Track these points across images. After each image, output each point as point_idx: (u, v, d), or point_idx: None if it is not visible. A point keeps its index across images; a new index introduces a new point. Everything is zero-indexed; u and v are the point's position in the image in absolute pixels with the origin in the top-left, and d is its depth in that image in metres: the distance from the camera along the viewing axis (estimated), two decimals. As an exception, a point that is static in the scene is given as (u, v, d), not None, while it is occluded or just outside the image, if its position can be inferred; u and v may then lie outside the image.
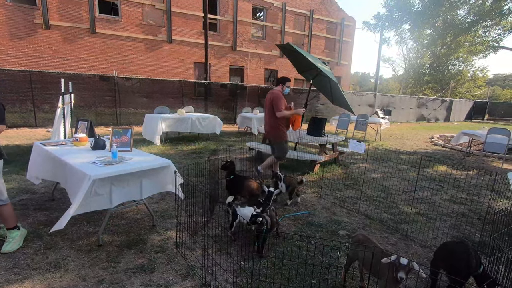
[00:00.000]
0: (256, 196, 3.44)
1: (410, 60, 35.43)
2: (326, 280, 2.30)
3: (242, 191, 3.51)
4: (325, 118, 5.93)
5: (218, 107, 13.55)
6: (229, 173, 3.59)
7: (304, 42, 20.70)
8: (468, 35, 11.03)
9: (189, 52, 16.24)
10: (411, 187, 4.67)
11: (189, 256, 2.48)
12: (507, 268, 1.82)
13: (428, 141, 10.51)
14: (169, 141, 7.42)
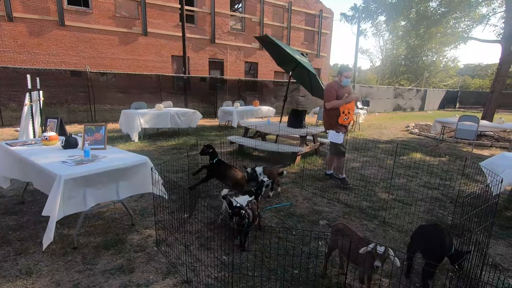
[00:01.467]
0: (241, 185, 3.43)
1: (387, 51, 36.36)
2: (307, 269, 2.33)
3: (226, 179, 3.49)
4: (305, 110, 5.97)
5: (199, 101, 13.33)
6: (211, 157, 3.58)
7: (283, 34, 20.66)
8: (440, 26, 11.41)
9: (166, 45, 15.79)
10: (388, 175, 4.82)
11: (170, 254, 2.44)
12: (476, 247, 1.92)
13: (404, 129, 10.89)
14: (147, 138, 7.22)
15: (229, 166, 3.61)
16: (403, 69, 31.38)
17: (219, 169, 3.57)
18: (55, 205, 2.17)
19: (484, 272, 2.11)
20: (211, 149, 3.62)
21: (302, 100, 15.37)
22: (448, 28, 11.83)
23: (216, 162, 3.59)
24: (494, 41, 10.96)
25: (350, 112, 4.09)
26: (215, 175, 3.61)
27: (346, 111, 4.04)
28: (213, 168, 3.60)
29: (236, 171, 3.54)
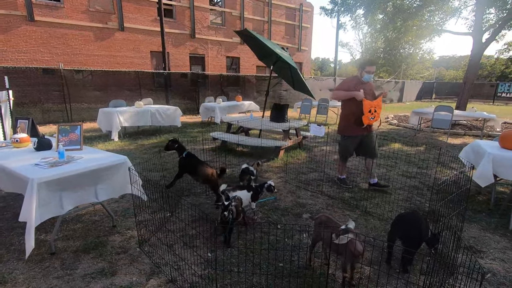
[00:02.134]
0: (212, 182, 3.33)
1: (366, 44, 37.01)
2: (292, 262, 2.36)
3: (196, 174, 3.38)
4: (287, 104, 6.00)
5: (180, 97, 13.09)
6: (179, 151, 3.46)
7: (264, 29, 20.58)
8: (415, 19, 11.73)
9: (145, 40, 15.35)
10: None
11: (153, 254, 2.40)
12: (450, 232, 2.01)
13: (384, 121, 11.18)
14: (127, 136, 7.03)
15: (199, 161, 3.48)
16: (382, 61, 32.07)
17: (189, 164, 3.43)
18: (31, 210, 2.08)
19: (458, 255, 2.22)
20: (176, 143, 3.47)
21: (285, 95, 15.43)
22: (423, 21, 12.16)
23: (185, 156, 3.44)
24: (465, 33, 11.40)
25: (377, 111, 3.59)
26: (186, 170, 3.47)
27: (372, 110, 3.55)
28: (182, 163, 3.45)
29: (207, 167, 3.41)
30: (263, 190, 3.06)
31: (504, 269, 2.33)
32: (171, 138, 3.55)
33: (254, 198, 3.01)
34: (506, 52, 27.59)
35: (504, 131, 3.55)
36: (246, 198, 2.94)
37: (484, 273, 2.19)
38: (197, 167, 3.37)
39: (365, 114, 3.55)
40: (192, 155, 3.54)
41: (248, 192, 2.97)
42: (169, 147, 3.50)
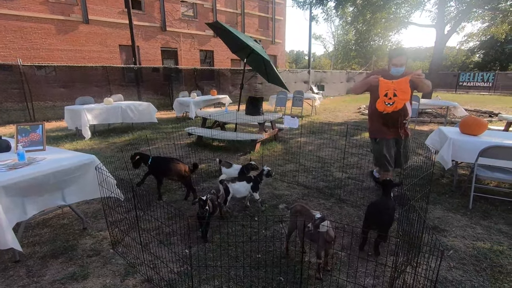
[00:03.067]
0: (185, 178, 3.27)
1: (338, 37, 37.78)
2: (270, 252, 2.40)
3: (168, 173, 3.30)
4: (261, 97, 6.01)
5: (153, 93, 12.68)
6: (145, 161, 3.33)
7: (237, 21, 20.35)
8: (383, 12, 12.12)
9: (112, 34, 14.65)
10: (342, 155, 5.09)
11: (128, 255, 2.33)
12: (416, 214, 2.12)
13: (357, 111, 11.54)
14: (97, 134, 6.72)
15: (169, 159, 3.36)
16: (353, 53, 32.90)
17: (159, 167, 3.33)
18: None
19: (424, 235, 2.36)
20: (137, 156, 3.33)
21: (260, 88, 15.43)
22: (390, 14, 12.60)
23: (151, 162, 3.32)
24: (429, 25, 11.96)
25: (399, 95, 2.79)
26: (159, 174, 3.37)
27: (390, 93, 2.80)
28: (152, 169, 3.35)
29: (179, 164, 3.30)
30: (262, 178, 3.06)
31: (464, 245, 2.51)
32: (133, 154, 3.36)
33: (255, 188, 3.00)
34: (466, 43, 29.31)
35: (464, 118, 3.79)
36: (246, 189, 2.97)
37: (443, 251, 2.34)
38: (167, 168, 3.27)
39: (380, 98, 2.83)
40: (159, 158, 3.43)
41: (248, 183, 2.98)
42: (135, 163, 3.31)
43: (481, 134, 3.56)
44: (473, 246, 2.50)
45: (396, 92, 2.81)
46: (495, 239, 2.60)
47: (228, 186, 2.91)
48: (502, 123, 6.73)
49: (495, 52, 30.18)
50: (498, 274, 2.16)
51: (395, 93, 2.81)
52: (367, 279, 2.09)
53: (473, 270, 2.20)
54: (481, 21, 14.13)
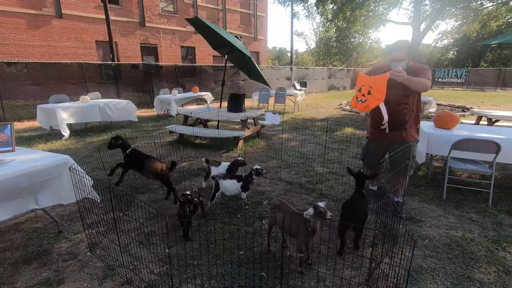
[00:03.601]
0: (163, 177, 3.19)
1: (320, 34, 38.24)
2: (252, 248, 2.40)
3: (144, 171, 3.22)
4: (243, 94, 5.98)
5: (133, 90, 12.34)
6: (123, 148, 3.25)
7: (219, 17, 20.12)
8: (362, 9, 12.38)
9: (88, 29, 14.10)
10: (324, 150, 5.18)
11: (106, 257, 2.27)
12: (389, 206, 2.19)
13: (338, 107, 11.76)
14: (74, 134, 6.46)
15: (146, 156, 3.28)
16: (335, 50, 33.46)
17: (135, 160, 3.24)
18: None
19: (400, 226, 2.45)
20: (119, 140, 3.25)
21: (243, 84, 15.38)
22: (369, 11, 12.88)
23: (130, 153, 3.25)
24: (406, 23, 12.34)
25: (373, 93, 2.47)
26: (133, 167, 3.30)
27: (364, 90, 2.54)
28: (128, 160, 3.26)
29: (155, 162, 3.23)
30: (252, 178, 3.00)
31: (438, 234, 2.63)
32: (114, 135, 3.30)
33: (244, 188, 2.96)
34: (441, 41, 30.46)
35: (438, 113, 3.94)
36: (236, 188, 2.95)
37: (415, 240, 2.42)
38: (144, 163, 3.19)
39: (355, 93, 2.62)
40: (138, 151, 3.34)
41: (238, 182, 2.95)
42: (112, 145, 3.24)
43: (454, 127, 3.72)
44: (446, 235, 2.62)
45: (371, 89, 2.49)
46: (467, 228, 2.74)
47: (219, 182, 2.92)
48: (473, 117, 7.06)
49: (467, 50, 31.58)
50: (469, 260, 2.27)
51: (369, 91, 2.50)
52: (346, 271, 2.14)
53: (446, 257, 2.30)
54: (454, 19, 14.74)
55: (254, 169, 2.98)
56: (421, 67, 2.64)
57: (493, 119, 5.55)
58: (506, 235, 2.61)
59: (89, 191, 2.43)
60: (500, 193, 3.48)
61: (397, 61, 2.59)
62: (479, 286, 2.00)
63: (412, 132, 2.79)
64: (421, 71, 2.58)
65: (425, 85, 2.52)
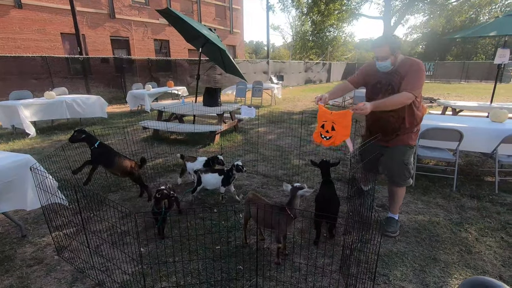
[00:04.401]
0: (133, 174, 3.06)
1: (296, 27, 38.45)
2: (229, 243, 2.39)
3: (112, 167, 3.06)
4: (219, 88, 5.90)
5: (104, 85, 11.81)
6: (90, 142, 3.06)
7: (193, 10, 19.63)
8: (336, 3, 12.57)
9: (52, 20, 13.24)
10: (301, 143, 5.24)
11: (75, 260, 2.16)
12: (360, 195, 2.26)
13: (315, 100, 11.93)
14: (39, 132, 6.08)
15: (115, 153, 3.10)
16: (311, 44, 33.83)
17: (103, 156, 3.05)
18: None
19: (373, 213, 2.53)
20: (84, 134, 3.06)
21: (220, 78, 15.17)
22: (343, 5, 13.10)
23: (98, 147, 3.06)
24: (377, 17, 12.69)
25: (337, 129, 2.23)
26: (100, 163, 3.12)
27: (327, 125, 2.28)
28: (95, 155, 3.05)
29: (125, 159, 3.09)
30: (233, 173, 2.94)
31: (408, 219, 2.75)
32: (77, 128, 3.11)
33: (225, 182, 2.94)
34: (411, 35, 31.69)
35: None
36: (217, 181, 2.93)
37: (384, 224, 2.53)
38: (112, 160, 3.03)
39: (317, 128, 2.36)
40: (106, 146, 3.16)
41: (220, 175, 2.94)
42: (75, 138, 3.03)
43: (421, 118, 3.89)
44: (415, 219, 2.75)
45: (334, 125, 2.23)
46: (433, 212, 2.89)
47: (200, 176, 2.91)
48: (440, 107, 7.44)
49: (435, 44, 33.13)
50: (435, 242, 2.40)
51: (333, 126, 2.25)
52: (322, 259, 2.19)
53: (414, 241, 2.42)
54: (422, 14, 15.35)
55: (235, 164, 2.94)
56: (411, 68, 2.17)
57: (457, 109, 5.88)
58: (468, 217, 2.78)
59: (54, 193, 2.29)
60: (463, 178, 3.71)
61: (381, 60, 2.25)
62: (444, 266, 2.13)
63: (405, 138, 2.37)
64: (409, 73, 2.15)
65: (403, 102, 2.14)
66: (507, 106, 5.77)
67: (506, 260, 2.19)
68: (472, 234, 2.52)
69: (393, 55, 2.20)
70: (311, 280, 1.99)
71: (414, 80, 2.14)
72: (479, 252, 2.28)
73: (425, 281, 1.98)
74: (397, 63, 2.24)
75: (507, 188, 3.42)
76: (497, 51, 5.46)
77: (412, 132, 2.40)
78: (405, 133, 2.38)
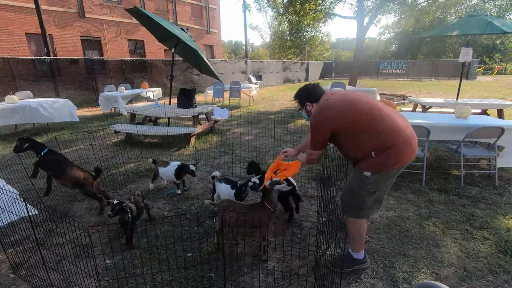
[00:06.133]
0: (85, 186, 2.80)
1: (274, 27, 38.65)
2: (201, 249, 2.32)
3: (60, 177, 2.80)
4: (194, 89, 5.78)
5: (75, 88, 11.30)
6: (36, 150, 2.83)
7: (168, 9, 19.21)
8: (311, 3, 12.71)
9: (15, 20, 12.48)
10: (277, 143, 5.24)
11: (34, 277, 2.01)
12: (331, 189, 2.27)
13: (292, 100, 12.01)
14: (1, 139, 5.69)
15: (66, 161, 2.84)
16: (289, 43, 34.14)
17: (51, 164, 2.79)
18: None
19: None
20: (27, 142, 2.83)
21: (197, 79, 14.94)
22: (318, 5, 13.28)
23: (45, 154, 2.81)
24: (351, 17, 12.97)
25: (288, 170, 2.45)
26: (48, 171, 2.88)
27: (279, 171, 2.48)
28: (41, 163, 2.80)
29: (76, 169, 2.83)
30: (247, 189, 2.66)
31: (380, 216, 2.80)
32: (21, 136, 2.87)
33: (238, 197, 2.66)
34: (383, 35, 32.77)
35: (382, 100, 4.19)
36: (229, 194, 2.68)
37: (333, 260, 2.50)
38: (61, 168, 2.76)
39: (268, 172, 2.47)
40: (56, 153, 2.90)
41: (232, 189, 2.69)
42: (19, 148, 2.79)
43: (392, 115, 3.99)
44: (386, 216, 2.80)
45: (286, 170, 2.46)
46: (404, 208, 2.96)
47: (215, 184, 2.77)
48: (411, 105, 7.72)
49: (406, 43, 34.47)
50: (405, 238, 2.46)
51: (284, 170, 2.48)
52: (295, 261, 2.17)
53: (385, 237, 2.46)
54: (393, 14, 15.89)
55: (252, 181, 2.63)
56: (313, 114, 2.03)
57: (426, 106, 6.11)
58: (436, 211, 2.88)
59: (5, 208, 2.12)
60: (432, 172, 3.84)
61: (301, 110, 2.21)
62: (413, 261, 2.17)
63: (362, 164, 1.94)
64: None
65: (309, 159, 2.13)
66: (471, 102, 6.06)
67: (470, 252, 2.27)
68: (439, 227, 2.60)
69: (303, 107, 2.12)
70: (283, 284, 1.96)
71: (312, 131, 1.98)
72: (446, 245, 2.35)
73: (394, 277, 2.01)
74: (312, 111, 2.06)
75: (472, 181, 3.58)
76: (461, 50, 5.72)
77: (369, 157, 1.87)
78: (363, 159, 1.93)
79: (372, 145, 1.85)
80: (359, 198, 1.96)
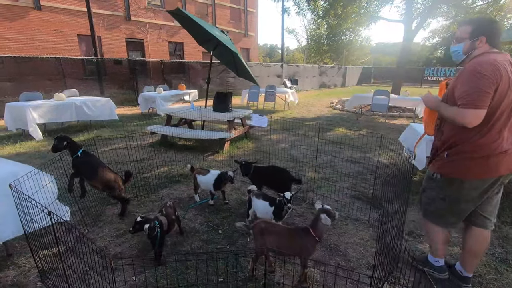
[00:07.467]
0: (112, 189, 2.76)
1: (311, 31, 38.00)
2: (234, 274, 2.09)
3: (94, 179, 2.75)
4: (230, 92, 5.63)
5: (118, 87, 11.82)
6: (72, 150, 2.78)
7: (208, 12, 19.59)
8: (354, 6, 12.13)
9: (69, 22, 13.40)
10: (316, 153, 4.89)
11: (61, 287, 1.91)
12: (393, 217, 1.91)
13: (329, 106, 11.52)
14: (47, 135, 5.99)
15: (99, 163, 2.82)
16: (326, 48, 33.30)
17: (84, 166, 2.76)
18: None
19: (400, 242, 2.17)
20: (65, 141, 2.79)
21: (233, 82, 14.96)
22: (361, 8, 12.64)
23: (81, 155, 2.76)
24: (398, 20, 12.16)
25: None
26: (81, 174, 2.82)
27: None
28: (77, 164, 2.75)
29: (109, 172, 2.80)
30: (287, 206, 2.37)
31: (441, 252, 2.36)
32: (58, 135, 2.85)
33: (276, 216, 2.40)
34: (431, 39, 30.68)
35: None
36: (267, 212, 2.44)
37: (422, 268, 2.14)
38: (94, 171, 2.73)
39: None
40: (90, 155, 2.86)
41: (270, 206, 2.43)
42: (57, 147, 2.76)
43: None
44: (450, 253, 2.36)
45: None
46: (471, 243, 2.48)
47: (251, 200, 2.53)
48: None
49: (456, 49, 31.84)
50: (478, 285, 2.02)
51: None
52: (342, 302, 1.85)
53: (452, 282, 2.04)
54: (445, 18, 14.66)
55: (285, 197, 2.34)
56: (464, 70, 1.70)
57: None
58: None
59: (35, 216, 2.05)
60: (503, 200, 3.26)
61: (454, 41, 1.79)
62: None
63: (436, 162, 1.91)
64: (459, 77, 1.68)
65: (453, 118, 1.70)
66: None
67: None
68: (523, 275, 2.11)
69: (469, 39, 1.63)
70: (329, 330, 1.65)
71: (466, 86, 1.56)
72: None
73: None
74: (472, 55, 1.63)
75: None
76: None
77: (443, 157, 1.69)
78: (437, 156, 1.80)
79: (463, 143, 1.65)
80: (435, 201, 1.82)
